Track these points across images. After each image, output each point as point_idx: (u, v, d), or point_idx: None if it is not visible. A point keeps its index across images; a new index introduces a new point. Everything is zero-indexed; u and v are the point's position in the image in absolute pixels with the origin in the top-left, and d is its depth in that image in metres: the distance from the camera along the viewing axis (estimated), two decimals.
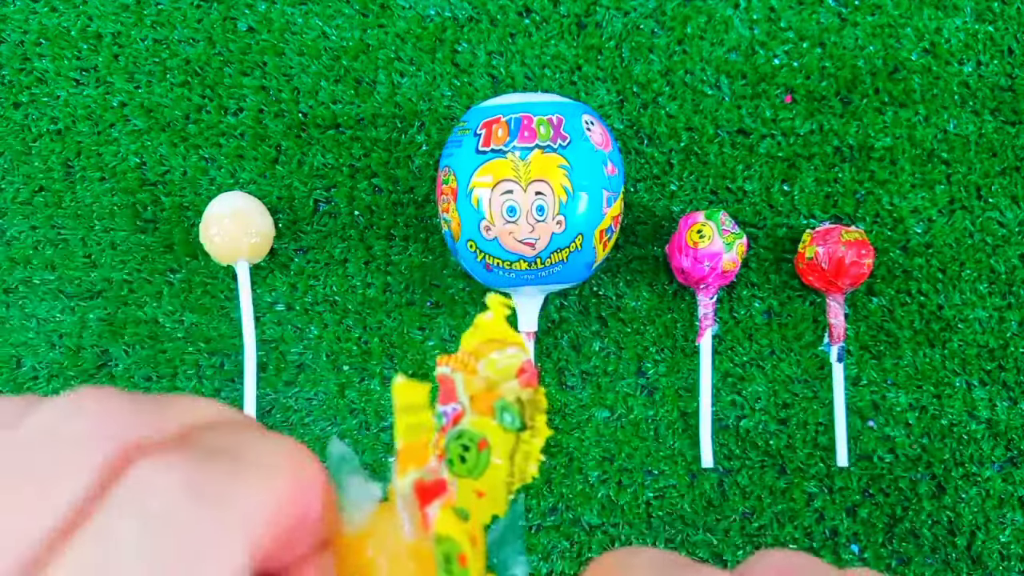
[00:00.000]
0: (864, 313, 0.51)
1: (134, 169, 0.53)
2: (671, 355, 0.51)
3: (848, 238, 0.47)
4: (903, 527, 0.50)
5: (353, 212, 0.53)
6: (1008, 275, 0.51)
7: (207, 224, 0.49)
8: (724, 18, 0.52)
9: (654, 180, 0.52)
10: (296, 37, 0.53)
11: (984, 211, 0.51)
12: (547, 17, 0.53)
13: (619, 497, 0.51)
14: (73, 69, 0.54)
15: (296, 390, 0.52)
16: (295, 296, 0.52)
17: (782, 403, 0.51)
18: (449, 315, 0.52)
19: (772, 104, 0.52)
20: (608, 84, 0.52)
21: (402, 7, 0.53)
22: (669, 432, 0.51)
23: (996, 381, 0.50)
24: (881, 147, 0.52)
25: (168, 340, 0.52)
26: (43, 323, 0.53)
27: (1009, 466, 0.50)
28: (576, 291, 0.52)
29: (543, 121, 0.44)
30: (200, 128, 0.53)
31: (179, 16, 0.54)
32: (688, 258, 0.48)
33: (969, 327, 0.51)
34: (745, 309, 0.51)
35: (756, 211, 0.52)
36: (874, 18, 0.52)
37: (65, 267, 0.53)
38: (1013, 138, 0.51)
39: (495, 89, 0.53)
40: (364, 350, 0.52)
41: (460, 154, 0.45)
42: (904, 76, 0.52)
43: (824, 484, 0.50)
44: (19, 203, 0.53)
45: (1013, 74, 0.51)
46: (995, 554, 0.50)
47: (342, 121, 0.53)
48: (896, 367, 0.51)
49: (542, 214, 0.43)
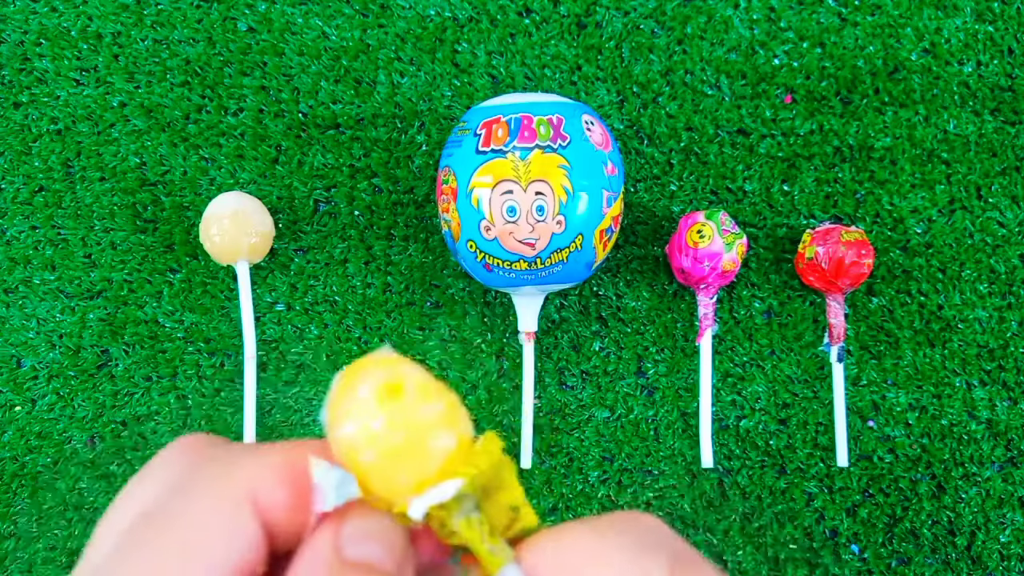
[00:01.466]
0: (864, 313, 0.51)
1: (134, 169, 0.53)
2: (671, 355, 0.51)
3: (848, 238, 0.47)
4: (903, 527, 0.50)
5: (353, 212, 0.53)
6: (1008, 275, 0.51)
7: (207, 224, 0.49)
8: (724, 18, 0.52)
9: (654, 180, 0.52)
10: (296, 37, 0.53)
11: (984, 211, 0.51)
12: (547, 17, 0.53)
13: (619, 497, 0.51)
14: (73, 69, 0.54)
15: (296, 390, 0.52)
16: (295, 296, 0.52)
17: (782, 403, 0.51)
18: (449, 315, 0.52)
19: (772, 104, 0.52)
20: (608, 84, 0.52)
21: (402, 7, 0.53)
22: (669, 432, 0.51)
23: (996, 381, 0.50)
24: (881, 147, 0.52)
25: (168, 340, 0.52)
26: (43, 323, 0.53)
27: (1009, 466, 0.50)
28: (576, 291, 0.52)
29: (543, 121, 0.44)
30: (200, 128, 0.53)
31: (179, 16, 0.54)
32: (688, 258, 0.48)
33: (969, 327, 0.51)
34: (745, 309, 0.51)
35: (756, 211, 0.52)
36: (874, 18, 0.52)
37: (65, 267, 0.53)
38: (1013, 138, 0.51)
39: (495, 89, 0.53)
40: (364, 350, 0.52)
41: (460, 154, 0.45)
42: (904, 76, 0.52)
43: (824, 484, 0.50)
44: (19, 203, 0.53)
45: (1013, 74, 0.51)
46: (995, 554, 0.50)
47: (342, 121, 0.53)
48: (896, 367, 0.51)
49: (542, 214, 0.43)
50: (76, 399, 0.52)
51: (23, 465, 0.52)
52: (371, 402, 0.18)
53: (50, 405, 0.52)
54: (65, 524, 0.51)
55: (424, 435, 0.19)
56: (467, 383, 0.52)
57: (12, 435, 0.52)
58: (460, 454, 0.19)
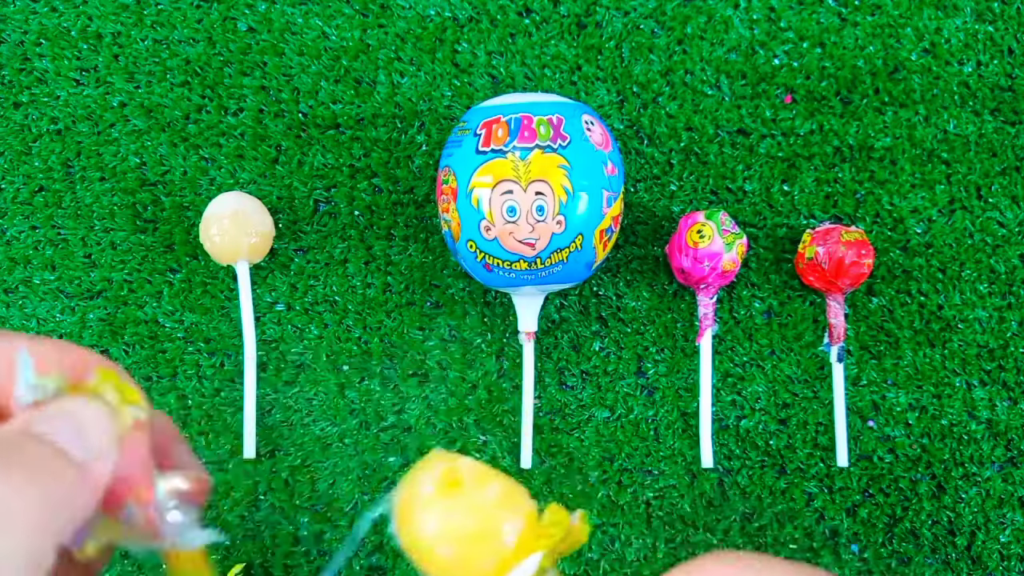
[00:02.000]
0: (864, 313, 0.51)
1: (134, 169, 0.53)
2: (671, 355, 0.51)
3: (848, 238, 0.47)
4: (903, 527, 0.50)
5: (353, 212, 0.53)
6: (1008, 275, 0.51)
7: (207, 224, 0.49)
8: (724, 18, 0.52)
9: (654, 180, 0.52)
10: (296, 37, 0.53)
11: (984, 211, 0.51)
12: (547, 17, 0.53)
13: (619, 497, 0.51)
14: (73, 69, 0.54)
15: (296, 390, 0.52)
16: (295, 296, 0.52)
17: (782, 403, 0.51)
18: (449, 315, 0.52)
19: (772, 104, 0.52)
20: (608, 84, 0.52)
21: (402, 7, 0.53)
22: (669, 432, 0.51)
23: (996, 381, 0.50)
24: (881, 147, 0.52)
25: (168, 340, 0.52)
26: (43, 323, 0.53)
27: (1009, 466, 0.50)
28: (576, 291, 0.52)
29: (543, 121, 0.44)
30: (200, 128, 0.53)
31: (179, 16, 0.54)
32: (688, 258, 0.48)
33: (969, 327, 0.51)
34: (745, 309, 0.51)
35: (756, 211, 0.52)
36: (874, 18, 0.52)
37: (65, 267, 0.53)
38: (1013, 138, 0.51)
39: (495, 89, 0.53)
40: (364, 350, 0.52)
41: (460, 154, 0.45)
42: (904, 76, 0.52)
43: (824, 484, 0.50)
44: (19, 203, 0.53)
45: (1013, 74, 0.51)
46: (995, 554, 0.50)
47: (342, 121, 0.53)
48: (896, 367, 0.51)
49: (542, 214, 0.43)
50: None
51: None
52: (436, 496, 0.19)
53: None
54: None
55: (493, 517, 0.19)
56: (467, 383, 0.52)
57: None
58: (530, 529, 0.19)
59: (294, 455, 0.52)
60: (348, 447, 0.52)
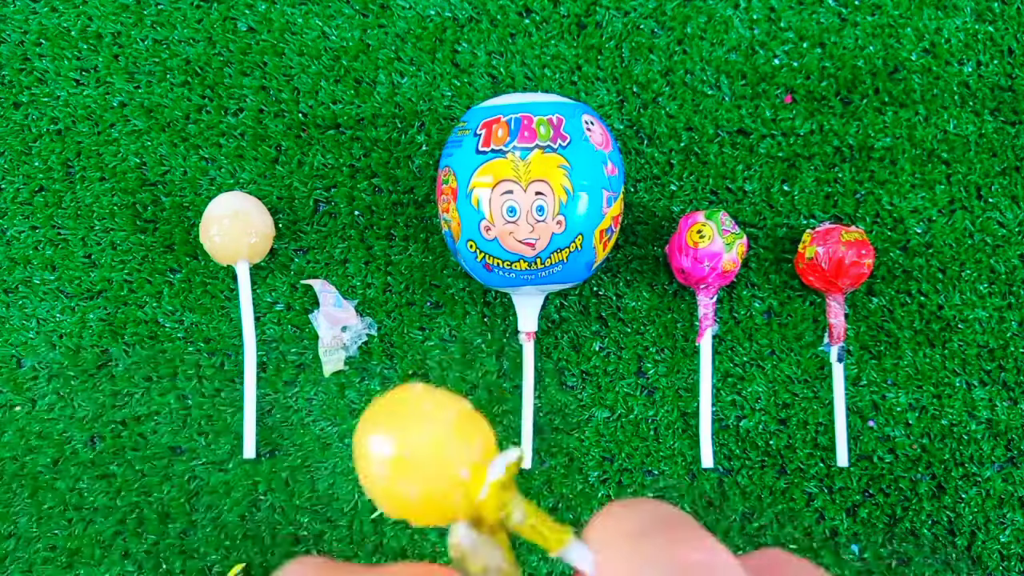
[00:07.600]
0: (864, 313, 0.51)
1: (134, 169, 0.53)
2: (671, 355, 0.51)
3: (848, 238, 0.47)
4: (903, 527, 0.50)
5: (353, 212, 0.53)
6: (1008, 275, 0.51)
7: (207, 224, 0.49)
8: (724, 18, 0.52)
9: (654, 180, 0.52)
10: (296, 37, 0.53)
11: (984, 211, 0.51)
12: (547, 17, 0.53)
13: (619, 497, 0.51)
14: (73, 69, 0.54)
15: (296, 390, 0.52)
16: (295, 296, 0.52)
17: (782, 403, 0.51)
18: (449, 315, 0.52)
19: (772, 104, 0.52)
20: (608, 84, 0.52)
21: (402, 7, 0.53)
22: (669, 432, 0.51)
23: (996, 381, 0.50)
24: (881, 147, 0.52)
25: (168, 340, 0.52)
26: (43, 323, 0.53)
27: (1009, 466, 0.50)
28: (576, 291, 0.52)
29: (543, 121, 0.44)
30: (200, 128, 0.53)
31: (179, 16, 0.54)
32: (688, 258, 0.48)
33: (969, 327, 0.51)
34: (745, 309, 0.51)
35: (756, 211, 0.52)
36: (874, 18, 0.52)
37: (65, 267, 0.53)
38: (1013, 138, 0.51)
39: (495, 89, 0.53)
40: (364, 350, 0.52)
41: (460, 154, 0.45)
42: (904, 76, 0.52)
43: (824, 484, 0.50)
44: (19, 203, 0.53)
45: (1013, 74, 0.51)
46: (995, 554, 0.50)
47: (342, 121, 0.53)
48: (896, 367, 0.51)
49: (542, 214, 0.43)
50: (76, 399, 0.52)
51: (23, 465, 0.52)
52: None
53: (50, 405, 0.52)
54: (65, 524, 0.51)
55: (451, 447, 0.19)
56: (467, 383, 0.52)
57: (12, 435, 0.52)
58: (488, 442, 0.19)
59: (294, 455, 0.52)
60: (348, 447, 0.51)
